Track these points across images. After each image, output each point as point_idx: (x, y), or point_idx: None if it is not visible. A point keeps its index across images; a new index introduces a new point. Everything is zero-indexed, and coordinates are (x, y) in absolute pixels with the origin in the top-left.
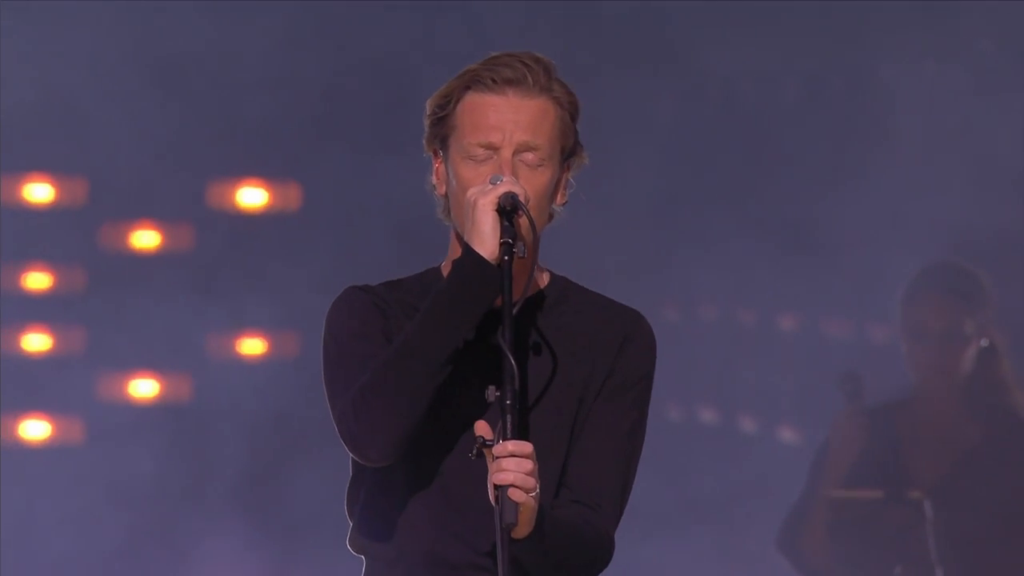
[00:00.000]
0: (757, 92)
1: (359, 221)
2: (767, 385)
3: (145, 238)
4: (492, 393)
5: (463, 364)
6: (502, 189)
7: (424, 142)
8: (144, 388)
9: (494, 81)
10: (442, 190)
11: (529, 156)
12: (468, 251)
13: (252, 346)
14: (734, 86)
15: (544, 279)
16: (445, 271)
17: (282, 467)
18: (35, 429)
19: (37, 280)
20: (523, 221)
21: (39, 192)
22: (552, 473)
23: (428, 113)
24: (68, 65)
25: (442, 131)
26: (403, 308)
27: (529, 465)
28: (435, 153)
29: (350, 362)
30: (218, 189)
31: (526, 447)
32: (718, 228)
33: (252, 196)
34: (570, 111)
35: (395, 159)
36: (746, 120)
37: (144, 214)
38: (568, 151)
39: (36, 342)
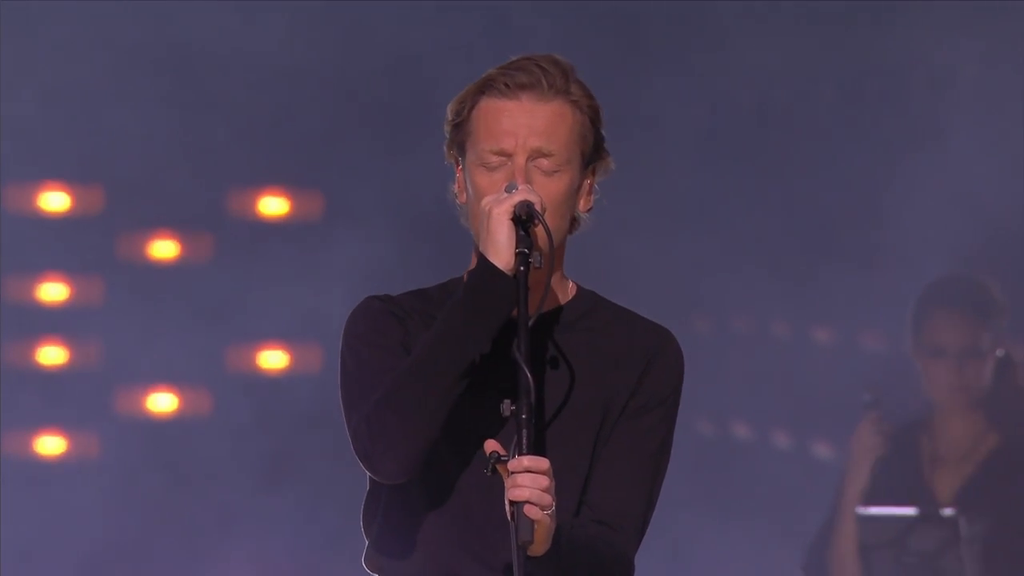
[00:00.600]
0: (792, 94)
1: (385, 230)
2: (801, 399)
3: (163, 248)
4: (507, 407)
5: (480, 377)
6: (517, 198)
7: (445, 149)
8: (162, 402)
9: (507, 86)
10: (463, 198)
11: (544, 162)
12: (483, 262)
13: (273, 359)
14: (768, 88)
15: (569, 292)
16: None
17: (302, 482)
18: (50, 444)
19: (52, 291)
20: (539, 230)
21: (54, 200)
22: (572, 490)
23: (447, 119)
24: (82, 68)
25: (459, 138)
26: (424, 319)
27: (545, 481)
28: (455, 161)
29: (365, 375)
30: (238, 197)
31: (542, 463)
32: (751, 235)
33: (273, 204)
34: (590, 114)
35: (422, 164)
36: (781, 124)
37: (162, 223)
38: (589, 156)
39: (51, 355)
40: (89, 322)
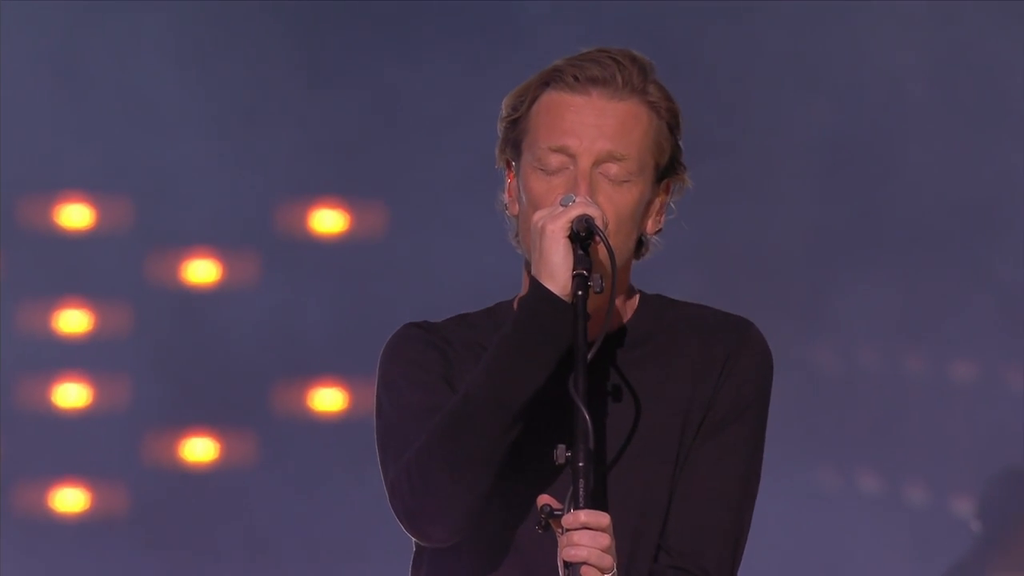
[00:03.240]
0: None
1: (458, 248)
2: (939, 447)
3: (201, 270)
4: (562, 453)
5: (536, 418)
6: (575, 211)
7: (496, 151)
8: (199, 449)
9: (576, 79)
10: (514, 209)
11: (613, 169)
12: (536, 286)
13: (328, 399)
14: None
15: (630, 308)
16: (517, 306)
17: (357, 543)
18: (70, 499)
19: (73, 320)
20: (600, 248)
21: (75, 215)
22: (649, 538)
23: (502, 115)
24: (106, 65)
25: (515, 136)
26: (470, 349)
27: (605, 540)
28: (507, 164)
29: (405, 417)
30: (288, 211)
31: (602, 519)
32: (878, 260)
33: (329, 219)
34: (668, 120)
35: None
36: (896, 138)
37: (199, 240)
38: (664, 168)
39: (72, 394)
40: (115, 357)
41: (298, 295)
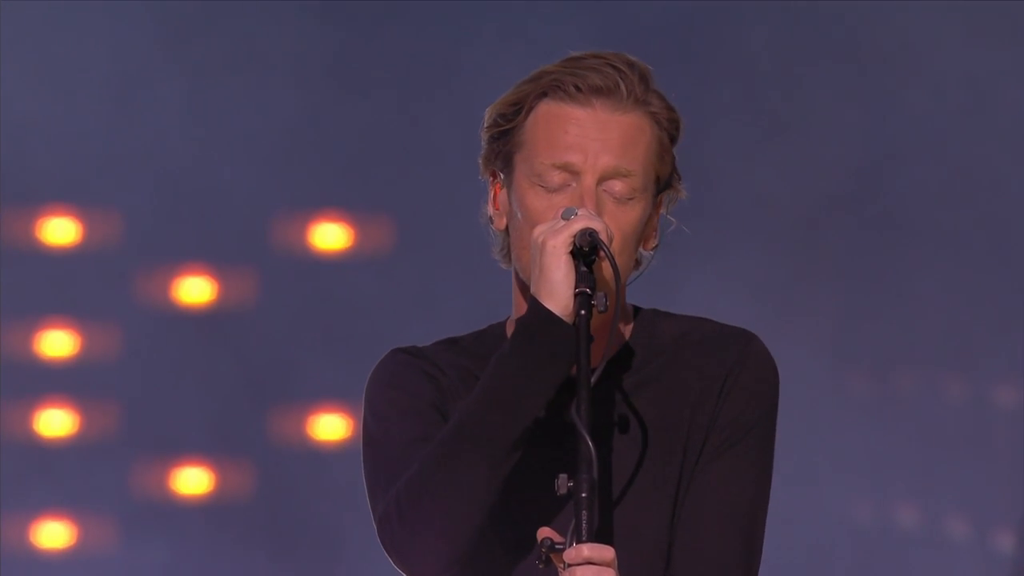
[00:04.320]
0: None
1: (472, 266)
2: (982, 478)
3: (194, 288)
4: (564, 484)
5: (535, 446)
6: (578, 225)
7: (480, 161)
8: (192, 480)
9: (578, 89)
10: (501, 223)
11: (618, 186)
12: (535, 306)
13: (329, 427)
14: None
15: (628, 327)
16: (510, 329)
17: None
18: (54, 534)
19: (57, 342)
20: (604, 265)
21: (59, 229)
22: (658, 571)
23: (487, 124)
24: (92, 68)
25: (506, 147)
26: (461, 374)
27: (610, 575)
28: (493, 175)
29: (394, 447)
30: (285, 225)
31: (606, 553)
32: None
33: (331, 234)
34: (669, 131)
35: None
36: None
37: (192, 257)
38: (664, 182)
39: (56, 422)
40: (102, 382)
41: (298, 316)
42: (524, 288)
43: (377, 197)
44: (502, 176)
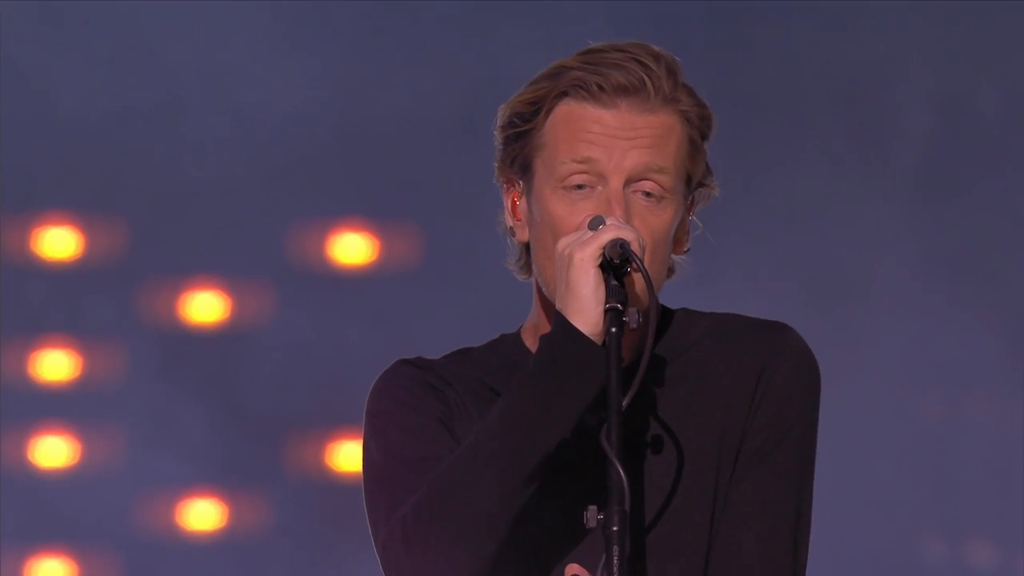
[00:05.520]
0: None
1: (503, 279)
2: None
3: (205, 305)
4: (594, 516)
5: (557, 470)
6: (607, 235)
7: (495, 165)
8: (202, 514)
9: (601, 88)
10: (525, 235)
11: (647, 185)
12: (561, 324)
13: (351, 456)
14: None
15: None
16: (526, 339)
17: None
18: (52, 571)
19: (56, 364)
20: (637, 278)
21: (59, 242)
22: None
23: (502, 123)
24: (95, 69)
25: (524, 151)
26: (471, 388)
27: None
28: (509, 181)
29: (396, 467)
30: (303, 237)
31: None
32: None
33: (353, 246)
34: (700, 128)
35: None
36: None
37: (203, 271)
38: (696, 182)
39: (55, 451)
40: (105, 407)
41: (317, 334)
42: (546, 300)
43: (403, 205)
44: (520, 184)
